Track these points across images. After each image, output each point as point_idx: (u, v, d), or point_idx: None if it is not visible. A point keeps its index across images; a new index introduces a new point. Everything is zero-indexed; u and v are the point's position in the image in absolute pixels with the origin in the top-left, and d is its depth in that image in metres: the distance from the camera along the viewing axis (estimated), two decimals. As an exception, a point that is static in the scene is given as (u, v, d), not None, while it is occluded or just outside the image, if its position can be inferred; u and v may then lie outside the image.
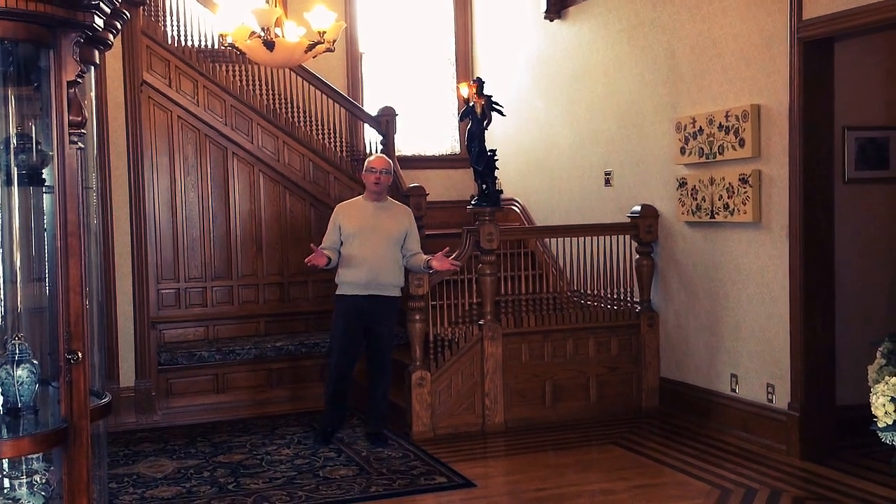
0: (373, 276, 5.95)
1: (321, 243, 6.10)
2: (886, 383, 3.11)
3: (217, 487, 5.29)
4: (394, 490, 5.15)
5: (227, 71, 7.90)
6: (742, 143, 5.84)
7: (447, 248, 6.13)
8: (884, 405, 3.10)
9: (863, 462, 5.33)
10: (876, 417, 3.15)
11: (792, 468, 5.35)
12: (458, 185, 9.28)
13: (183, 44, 7.78)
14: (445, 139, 9.73)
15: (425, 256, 6.06)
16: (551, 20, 8.06)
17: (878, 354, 3.47)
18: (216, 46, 7.76)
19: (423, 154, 9.60)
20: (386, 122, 8.43)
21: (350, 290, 6.02)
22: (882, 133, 6.04)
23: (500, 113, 8.32)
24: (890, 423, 3.11)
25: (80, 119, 2.81)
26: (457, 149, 9.66)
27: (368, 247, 5.97)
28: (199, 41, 8.00)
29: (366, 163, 6.25)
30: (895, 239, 6.04)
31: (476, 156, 8.32)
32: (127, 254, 7.01)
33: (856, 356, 5.44)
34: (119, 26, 3.11)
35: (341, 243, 6.05)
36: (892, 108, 6.04)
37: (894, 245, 6.05)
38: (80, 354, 2.73)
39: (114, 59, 6.88)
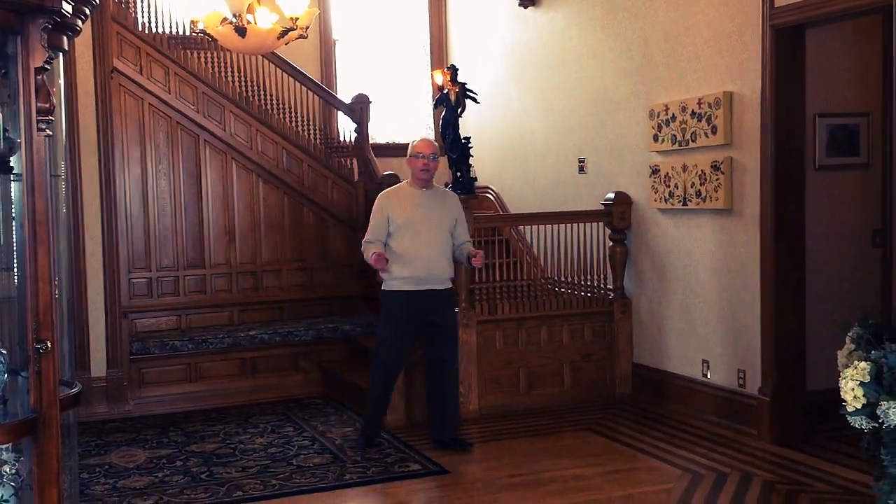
0: (428, 271, 5.51)
1: (365, 237, 5.66)
2: (855, 368, 3.14)
3: (190, 477, 5.27)
4: (368, 478, 5.16)
5: (199, 58, 7.84)
6: (714, 131, 5.87)
7: (481, 253, 5.65)
8: (853, 389, 3.14)
9: (833, 446, 5.39)
10: (845, 402, 3.18)
11: (763, 452, 5.40)
12: (432, 173, 9.26)
13: (154, 30, 7.72)
14: (420, 127, 9.71)
15: (470, 249, 5.65)
16: (525, 7, 8.05)
17: (848, 339, 3.50)
18: (188, 33, 7.71)
19: (397, 142, 9.57)
20: (360, 109, 8.40)
21: (403, 286, 5.52)
22: (853, 120, 6.09)
23: (475, 100, 8.34)
24: (859, 407, 3.15)
25: (48, 106, 2.77)
26: (431, 136, 9.64)
27: (422, 239, 5.51)
28: (171, 28, 7.93)
29: (410, 147, 5.69)
30: (865, 225, 6.10)
31: (450, 143, 8.35)
32: (97, 242, 6.94)
33: (826, 341, 5.48)
34: (88, 12, 3.06)
35: (388, 235, 5.58)
36: (863, 94, 6.09)
37: (864, 231, 6.12)
38: (49, 344, 2.70)
39: (84, 46, 6.80)
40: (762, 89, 5.54)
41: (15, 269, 2.83)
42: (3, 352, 2.77)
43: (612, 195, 6.81)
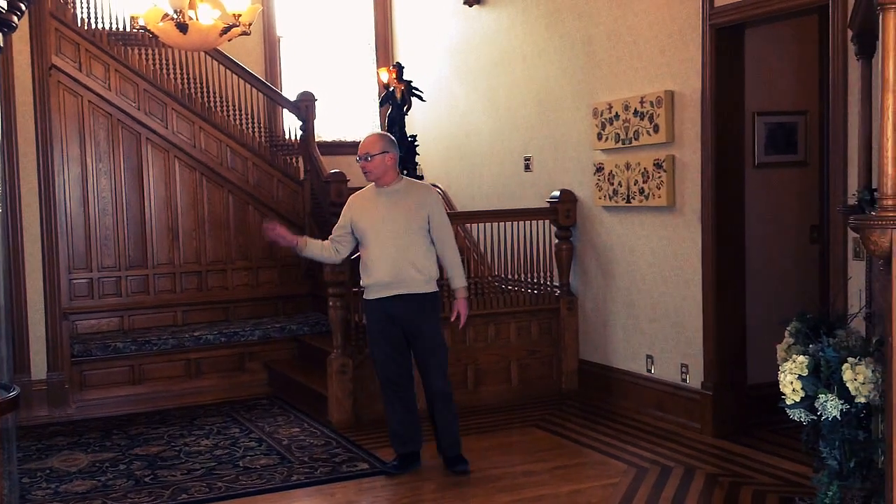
0: (392, 275, 5.01)
1: (331, 233, 5.28)
2: (794, 361, 3.21)
3: (133, 480, 5.19)
4: (315, 478, 5.13)
5: (140, 54, 7.73)
6: (657, 129, 5.95)
7: (464, 313, 5.21)
8: (791, 383, 3.20)
9: (774, 438, 5.50)
10: (784, 395, 3.24)
11: (706, 446, 5.49)
12: (378, 171, 9.23)
13: (93, 26, 7.59)
14: (366, 124, 9.68)
15: (458, 285, 5.14)
16: (470, 5, 8.07)
17: (787, 334, 3.57)
18: (128, 29, 7.59)
19: (343, 139, 9.53)
20: (305, 107, 8.34)
21: (374, 294, 5.09)
22: (790, 118, 6.21)
23: (420, 98, 8.33)
24: (798, 400, 3.21)
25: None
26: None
27: (383, 241, 5.02)
28: (111, 24, 7.81)
29: None
30: (803, 222, 6.23)
31: (397, 141, 8.32)
32: (36, 242, 6.79)
33: (766, 336, 5.59)
34: (24, 8, 3.00)
35: (356, 241, 5.18)
36: (800, 93, 6.22)
37: (802, 227, 6.24)
38: (-15, 347, 2.65)
39: (21, 43, 6.65)
40: (702, 88, 5.62)
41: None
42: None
43: (557, 193, 6.87)
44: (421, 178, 8.13)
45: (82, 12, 7.55)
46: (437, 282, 5.18)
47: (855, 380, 2.99)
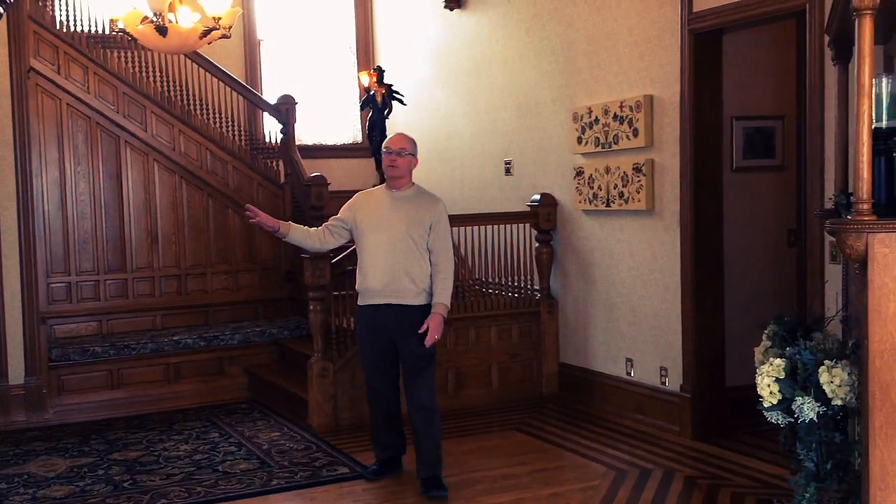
0: (387, 282, 4.83)
1: (327, 221, 5.13)
2: (771, 364, 3.22)
3: (112, 486, 5.15)
4: (295, 482, 5.11)
5: (120, 57, 7.69)
6: (636, 133, 5.98)
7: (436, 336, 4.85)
8: (769, 385, 3.21)
9: (752, 441, 5.54)
10: (762, 398, 3.26)
11: (684, 448, 5.52)
12: (360, 175, 9.23)
13: (72, 29, 7.55)
14: (347, 128, 9.69)
15: (440, 300, 4.85)
16: (451, 9, 8.08)
17: (764, 337, 3.59)
18: (107, 32, 7.55)
19: (324, 143, 9.53)
20: (286, 110, 8.33)
21: (365, 299, 4.94)
22: (768, 123, 6.26)
23: (401, 102, 8.34)
24: (775, 402, 3.22)
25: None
26: (358, 138, 9.62)
27: (381, 246, 4.86)
28: (90, 26, 7.76)
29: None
30: (781, 225, 6.29)
31: (377, 145, 8.31)
32: (14, 246, 6.73)
33: (744, 339, 5.62)
34: (2, 10, 2.98)
35: (350, 236, 5.07)
36: (778, 98, 6.27)
37: (780, 231, 6.30)
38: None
39: (-2, 45, 6.60)
40: (681, 93, 5.66)
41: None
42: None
43: (537, 197, 6.88)
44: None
45: (61, 15, 7.51)
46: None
47: (831, 382, 3.01)
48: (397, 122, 8.58)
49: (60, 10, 7.53)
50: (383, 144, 5.08)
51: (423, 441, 4.91)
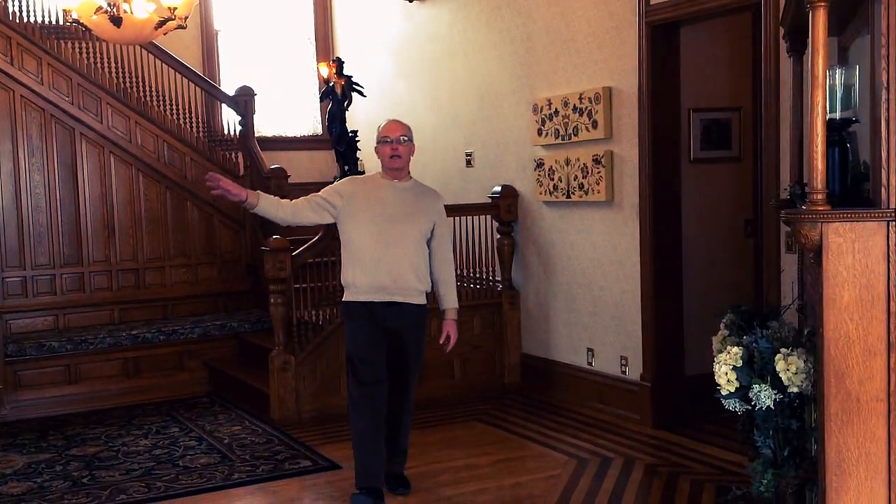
0: (393, 280, 4.50)
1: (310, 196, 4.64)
2: (728, 353, 3.27)
3: (71, 481, 5.09)
4: (257, 476, 5.09)
5: (74, 48, 7.56)
6: (595, 125, 6.01)
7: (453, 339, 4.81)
8: (726, 374, 3.26)
9: (710, 428, 5.61)
10: (720, 386, 3.30)
11: (644, 436, 5.58)
12: (320, 167, 9.20)
13: (25, 19, 7.41)
14: (307, 120, 9.63)
15: (451, 305, 4.73)
16: (411, 1, 8.05)
17: (722, 326, 3.64)
18: (61, 22, 7.42)
19: (284, 135, 9.47)
20: (244, 102, 8.26)
21: (363, 296, 4.53)
22: (725, 114, 6.34)
23: (361, 94, 8.31)
24: (732, 390, 3.27)
25: None
26: (318, 130, 9.57)
27: (388, 241, 4.49)
28: (43, 17, 7.62)
29: (378, 131, 4.66)
30: (738, 216, 6.37)
31: (337, 137, 8.31)
32: (-33, 241, 6.62)
33: (702, 328, 5.69)
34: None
35: (331, 219, 4.64)
36: (735, 90, 6.34)
37: (737, 222, 6.38)
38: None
39: (-53, 35, 6.47)
40: (639, 84, 5.70)
41: None
42: None
43: (498, 188, 6.90)
44: (363, 173, 8.11)
45: (13, 5, 7.37)
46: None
47: (787, 370, 3.06)
48: (357, 114, 8.56)
49: (13, 1, 7.38)
50: (379, 133, 4.63)
51: (404, 438, 4.79)
